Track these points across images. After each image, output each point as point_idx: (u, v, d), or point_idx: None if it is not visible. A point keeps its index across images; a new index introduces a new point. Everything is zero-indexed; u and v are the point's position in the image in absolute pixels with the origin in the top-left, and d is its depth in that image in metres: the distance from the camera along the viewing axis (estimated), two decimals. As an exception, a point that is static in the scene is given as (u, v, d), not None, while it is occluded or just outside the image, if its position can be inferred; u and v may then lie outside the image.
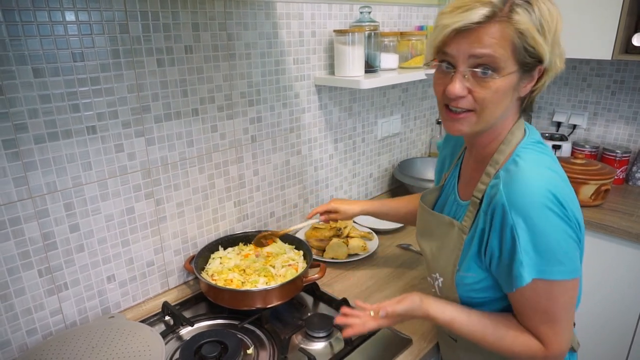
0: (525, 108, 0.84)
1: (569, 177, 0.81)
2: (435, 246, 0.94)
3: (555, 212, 0.73)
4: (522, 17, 0.71)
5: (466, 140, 0.93)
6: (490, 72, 0.74)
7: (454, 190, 0.95)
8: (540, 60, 0.75)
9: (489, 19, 0.72)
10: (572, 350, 0.94)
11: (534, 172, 0.76)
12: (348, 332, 0.90)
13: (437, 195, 1.01)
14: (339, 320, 0.92)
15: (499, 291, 0.84)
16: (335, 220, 1.32)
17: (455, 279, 0.87)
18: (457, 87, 0.76)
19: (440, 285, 0.92)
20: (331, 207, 1.27)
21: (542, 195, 0.73)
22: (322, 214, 1.29)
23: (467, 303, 0.88)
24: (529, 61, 0.74)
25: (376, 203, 1.30)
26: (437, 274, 0.92)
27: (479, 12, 0.71)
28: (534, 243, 0.74)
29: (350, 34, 1.37)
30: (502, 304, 0.86)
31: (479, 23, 0.72)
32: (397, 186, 2.02)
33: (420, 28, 1.73)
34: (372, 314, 0.89)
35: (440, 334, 1.05)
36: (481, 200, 0.82)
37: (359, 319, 0.90)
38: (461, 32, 0.73)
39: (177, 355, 1.02)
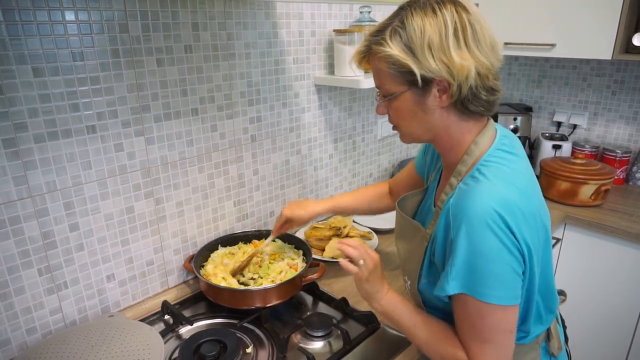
0: (484, 114, 0.82)
1: (569, 177, 0.80)
2: (406, 249, 0.96)
3: (498, 235, 0.71)
4: (386, 47, 0.76)
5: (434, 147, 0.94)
6: (386, 96, 0.82)
7: (432, 195, 0.97)
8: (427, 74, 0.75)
9: (367, 55, 0.82)
10: (552, 355, 0.94)
11: (486, 188, 0.75)
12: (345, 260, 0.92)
13: (420, 199, 1.01)
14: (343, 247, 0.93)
15: None
16: (292, 229, 1.28)
17: (418, 285, 0.90)
18: (378, 108, 0.87)
19: (409, 287, 0.95)
20: (282, 220, 1.23)
21: (487, 215, 0.72)
22: (282, 228, 1.25)
23: (430, 308, 0.91)
24: (414, 78, 0.76)
25: (335, 202, 1.27)
26: (407, 277, 0.96)
27: (359, 51, 0.83)
28: (468, 259, 0.74)
29: (350, 33, 1.37)
30: None
31: (363, 58, 0.83)
32: (397, 186, 2.02)
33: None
34: (361, 262, 0.89)
35: None
36: (442, 210, 0.83)
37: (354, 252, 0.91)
38: None
39: (176, 354, 1.02)
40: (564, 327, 1.05)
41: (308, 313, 1.17)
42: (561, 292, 1.07)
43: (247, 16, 1.25)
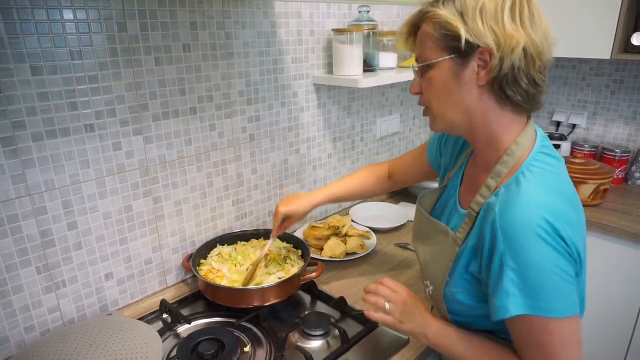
0: (523, 108, 0.77)
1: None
2: (430, 252, 0.92)
3: (551, 244, 0.68)
4: (438, 11, 0.74)
5: (467, 140, 0.89)
6: (424, 65, 0.79)
7: (455, 194, 0.92)
8: (472, 42, 0.71)
9: (418, 23, 0.80)
10: None
11: (534, 196, 0.71)
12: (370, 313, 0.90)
13: (438, 196, 0.98)
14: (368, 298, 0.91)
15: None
16: (291, 226, 1.22)
17: (444, 291, 0.86)
18: (412, 87, 0.84)
19: (431, 293, 0.92)
20: (280, 218, 1.16)
21: (537, 225, 0.68)
22: (280, 228, 1.19)
23: (456, 315, 0.87)
24: (457, 45, 0.73)
25: (330, 191, 1.20)
26: (429, 282, 0.92)
27: (408, 20, 0.81)
28: (524, 276, 0.69)
29: (349, 33, 1.37)
30: (490, 322, 0.80)
31: (412, 27, 0.81)
32: (396, 185, 2.03)
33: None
34: (387, 307, 0.87)
35: None
36: (478, 214, 0.79)
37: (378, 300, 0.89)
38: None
39: (174, 353, 1.02)
40: None
41: (306, 312, 1.17)
42: None
43: (246, 16, 1.25)
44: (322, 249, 1.43)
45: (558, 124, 2.25)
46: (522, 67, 0.72)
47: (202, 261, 1.25)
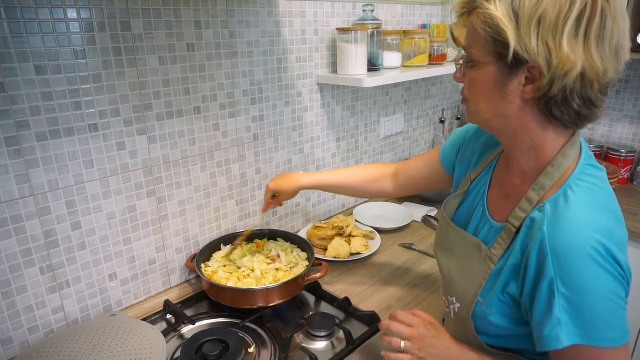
0: (568, 123, 0.69)
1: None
2: (456, 267, 0.85)
3: (606, 268, 0.63)
4: (490, 4, 0.65)
5: (501, 142, 0.82)
6: (469, 62, 0.72)
7: (482, 202, 0.84)
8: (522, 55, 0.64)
9: (470, 8, 0.70)
10: None
11: (585, 215, 0.65)
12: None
13: (460, 201, 0.90)
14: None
15: (523, 331, 0.75)
16: (280, 203, 1.22)
17: (474, 310, 0.79)
18: (456, 74, 0.77)
19: (457, 311, 0.84)
20: (270, 194, 1.19)
21: (591, 247, 0.62)
22: (272, 202, 1.21)
23: (484, 335, 0.81)
24: (505, 52, 0.65)
25: (322, 177, 1.18)
26: (455, 299, 0.84)
27: (460, 5, 0.71)
28: (578, 303, 0.64)
29: (353, 32, 1.36)
30: (523, 340, 0.77)
31: (463, 14, 0.71)
32: (400, 185, 2.02)
33: (424, 26, 1.73)
34: (402, 345, 0.80)
35: None
36: (518, 230, 0.73)
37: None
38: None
39: (178, 354, 1.02)
40: None
41: (310, 313, 1.16)
42: None
43: (250, 14, 1.25)
44: (326, 249, 1.42)
45: (562, 123, 2.24)
46: (577, 89, 0.65)
47: (208, 265, 1.24)
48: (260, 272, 1.18)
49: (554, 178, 0.71)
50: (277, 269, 1.20)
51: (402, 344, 0.80)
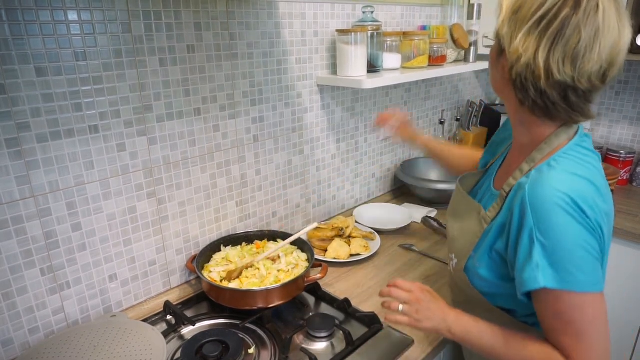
0: (530, 108, 0.77)
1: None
2: (458, 227, 0.95)
3: (575, 217, 0.70)
4: None
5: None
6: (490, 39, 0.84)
7: (491, 176, 0.96)
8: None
9: None
10: None
11: (561, 176, 0.73)
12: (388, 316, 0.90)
13: (477, 179, 1.02)
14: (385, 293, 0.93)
15: (509, 291, 0.82)
16: (404, 139, 1.36)
17: (466, 264, 0.88)
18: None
19: (454, 266, 0.94)
20: (399, 116, 1.32)
21: (561, 199, 0.70)
22: (390, 122, 1.32)
23: (477, 288, 0.88)
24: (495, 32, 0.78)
25: (430, 141, 1.33)
26: (454, 255, 0.94)
27: None
28: (553, 249, 0.70)
29: (352, 33, 1.36)
30: (509, 300, 0.84)
31: None
32: (400, 186, 2.02)
33: (423, 28, 1.73)
34: (400, 308, 0.88)
35: None
36: (508, 194, 0.82)
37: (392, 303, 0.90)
38: None
39: (178, 355, 1.02)
40: None
41: (310, 314, 1.17)
42: None
43: (250, 16, 1.25)
44: (326, 250, 1.43)
45: (562, 124, 2.24)
46: (530, 79, 0.73)
47: (210, 268, 1.25)
48: (265, 271, 1.18)
49: (544, 152, 0.80)
50: (278, 270, 1.20)
51: (400, 307, 0.88)
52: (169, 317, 1.16)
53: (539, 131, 0.81)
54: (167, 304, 1.16)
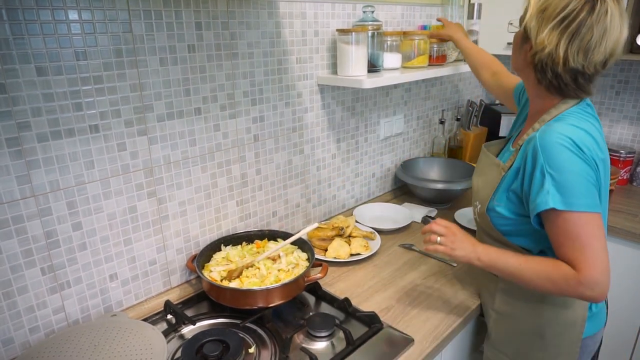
0: (547, 87, 0.96)
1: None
2: (482, 180, 1.12)
3: (575, 153, 0.87)
4: None
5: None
6: (517, 25, 1.03)
7: (510, 142, 1.14)
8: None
9: None
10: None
11: (564, 126, 0.90)
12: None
13: (501, 147, 1.18)
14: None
15: (524, 226, 1.00)
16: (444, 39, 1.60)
17: (487, 205, 1.06)
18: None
19: (478, 210, 1.10)
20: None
21: (563, 140, 0.88)
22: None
23: (497, 227, 1.05)
24: (523, 25, 0.96)
25: (466, 41, 1.56)
26: (477, 202, 1.11)
27: None
28: (560, 179, 0.87)
29: (353, 33, 1.36)
30: (529, 237, 1.01)
31: None
32: (400, 186, 2.02)
33: (424, 27, 1.73)
34: (438, 240, 1.05)
35: (482, 279, 1.21)
36: (522, 146, 0.98)
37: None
38: None
39: (178, 354, 1.02)
40: None
41: (311, 313, 1.17)
42: None
43: (250, 16, 1.25)
44: (326, 250, 1.43)
45: (562, 124, 2.24)
46: (549, 64, 0.91)
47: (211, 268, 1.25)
48: (265, 271, 1.18)
49: (552, 114, 0.98)
50: (278, 269, 1.20)
51: (438, 239, 1.05)
52: (169, 316, 1.16)
53: (550, 101, 0.99)
54: (167, 304, 1.16)
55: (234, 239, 1.34)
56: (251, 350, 1.04)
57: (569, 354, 1.06)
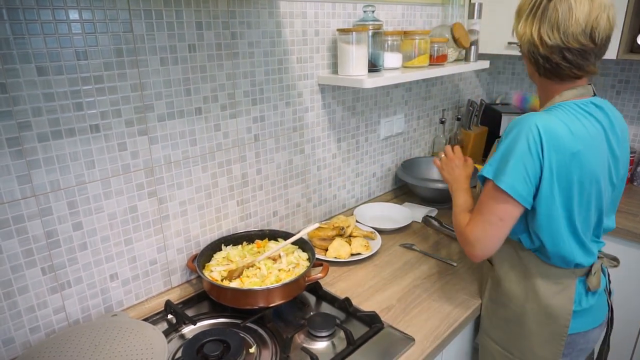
0: (544, 74, 1.03)
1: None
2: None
3: (529, 140, 0.93)
4: (520, 2, 1.04)
5: None
6: None
7: None
8: None
9: None
10: (588, 288, 1.08)
11: (539, 115, 0.96)
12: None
13: None
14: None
15: None
16: None
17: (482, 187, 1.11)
18: None
19: (478, 190, 1.13)
20: None
21: (528, 125, 0.94)
22: None
23: None
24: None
25: None
26: (478, 186, 1.17)
27: None
28: (502, 153, 0.97)
29: (353, 33, 1.36)
30: (516, 230, 1.06)
31: None
32: (401, 186, 2.02)
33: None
34: (441, 154, 1.33)
35: (485, 264, 1.26)
36: None
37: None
38: None
39: (179, 354, 1.02)
40: (609, 281, 1.21)
41: (311, 313, 1.17)
42: (615, 259, 1.17)
43: (251, 15, 1.25)
44: (326, 250, 1.43)
45: (563, 124, 2.24)
46: (533, 50, 0.99)
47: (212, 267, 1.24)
48: (266, 271, 1.18)
49: (554, 102, 1.03)
50: (279, 269, 1.20)
51: (441, 154, 1.34)
52: (169, 316, 1.16)
53: (551, 91, 1.05)
54: (167, 303, 1.16)
55: (235, 239, 1.34)
56: (252, 350, 1.04)
57: (552, 346, 1.08)
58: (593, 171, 0.97)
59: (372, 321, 1.11)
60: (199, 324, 1.13)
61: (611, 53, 1.70)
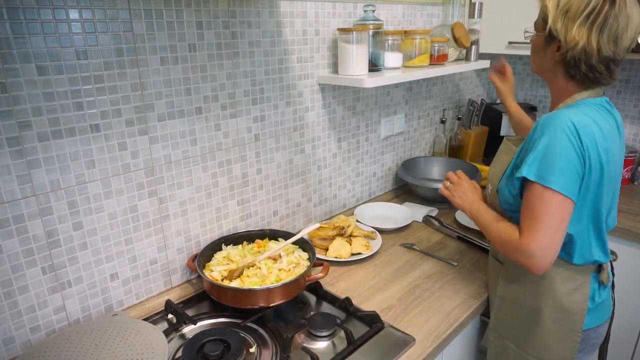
0: (580, 80, 1.00)
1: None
2: (496, 166, 1.16)
3: (569, 137, 0.91)
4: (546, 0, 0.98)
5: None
6: (532, 32, 1.08)
7: None
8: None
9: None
10: (601, 283, 1.08)
11: (573, 112, 0.95)
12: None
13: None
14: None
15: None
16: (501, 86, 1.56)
17: (497, 187, 1.10)
18: (526, 39, 1.12)
19: (489, 192, 1.16)
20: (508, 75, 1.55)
21: (564, 123, 0.92)
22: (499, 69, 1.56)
23: (503, 204, 1.09)
24: (547, 27, 0.98)
25: (516, 106, 1.53)
26: (490, 184, 1.16)
27: None
28: (543, 153, 0.93)
29: (354, 32, 1.36)
30: None
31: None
32: (401, 185, 2.02)
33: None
34: (447, 184, 1.26)
35: (488, 271, 1.26)
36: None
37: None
38: None
39: (179, 354, 1.02)
40: (613, 275, 1.18)
41: (311, 313, 1.17)
42: (613, 252, 1.17)
43: (251, 15, 1.25)
44: (327, 249, 1.42)
45: (563, 123, 2.24)
46: (583, 58, 0.96)
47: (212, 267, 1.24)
48: (266, 270, 1.18)
49: (568, 103, 1.02)
50: (279, 269, 1.20)
51: (447, 182, 1.26)
52: (170, 316, 1.16)
53: (569, 93, 1.03)
54: (168, 303, 1.16)
55: (235, 239, 1.34)
56: (252, 349, 1.04)
57: (568, 343, 1.07)
58: (615, 169, 0.99)
59: (373, 321, 1.11)
60: (199, 324, 1.13)
61: (612, 52, 1.70)
